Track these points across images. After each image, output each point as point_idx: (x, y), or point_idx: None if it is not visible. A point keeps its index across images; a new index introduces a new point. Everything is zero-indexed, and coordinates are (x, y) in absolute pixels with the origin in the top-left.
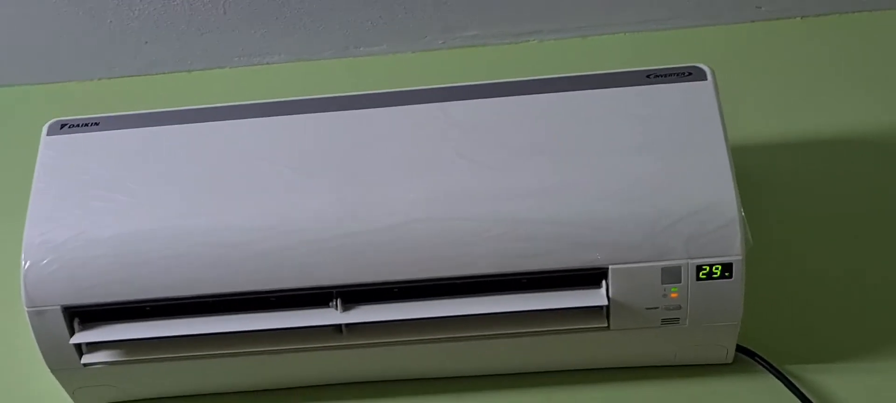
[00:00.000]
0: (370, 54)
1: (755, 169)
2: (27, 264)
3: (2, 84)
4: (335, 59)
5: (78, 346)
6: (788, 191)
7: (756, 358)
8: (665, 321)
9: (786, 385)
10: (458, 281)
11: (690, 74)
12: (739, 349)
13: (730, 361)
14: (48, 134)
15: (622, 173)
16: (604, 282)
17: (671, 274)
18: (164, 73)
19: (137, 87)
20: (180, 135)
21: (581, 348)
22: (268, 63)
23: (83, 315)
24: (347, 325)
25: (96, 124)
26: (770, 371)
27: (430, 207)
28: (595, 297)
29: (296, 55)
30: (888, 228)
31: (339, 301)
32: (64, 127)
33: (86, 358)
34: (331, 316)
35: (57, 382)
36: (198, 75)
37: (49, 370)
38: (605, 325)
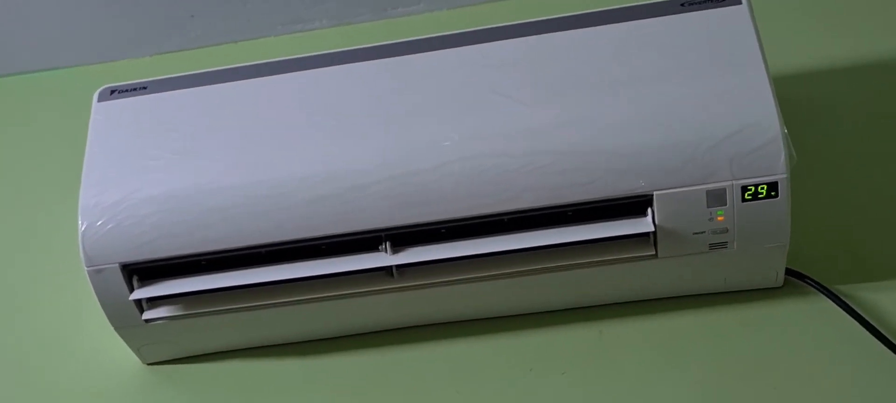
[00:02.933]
0: (407, 14)
1: (798, 96)
2: (84, 225)
3: (57, 66)
4: (374, 21)
5: (138, 302)
6: (833, 115)
7: (807, 280)
8: (713, 245)
9: (838, 305)
10: (504, 217)
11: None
12: (789, 271)
13: (780, 284)
14: (99, 100)
15: (662, 99)
16: (649, 210)
17: (716, 197)
18: (211, 46)
19: (187, 62)
20: (225, 93)
21: (630, 279)
22: (310, 29)
23: (141, 272)
24: (398, 267)
25: (144, 88)
26: (822, 292)
27: (472, 145)
28: (641, 225)
29: (336, 19)
30: None
31: (388, 243)
32: (113, 93)
33: (147, 314)
34: (381, 258)
35: (123, 343)
36: (244, 45)
37: (113, 329)
38: (653, 253)
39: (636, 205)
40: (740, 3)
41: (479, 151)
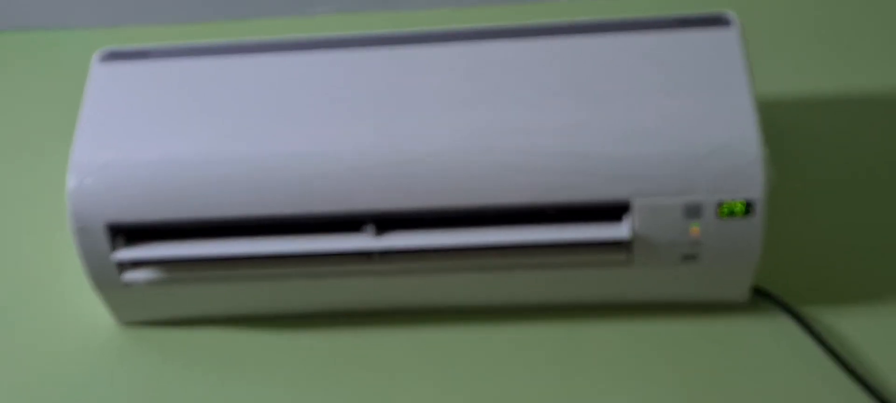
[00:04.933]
0: (412, 8)
1: (782, 121)
2: (73, 182)
3: (57, 27)
4: (379, 11)
5: (120, 264)
6: (814, 142)
7: (772, 299)
8: (685, 257)
9: (801, 325)
10: (486, 211)
11: (717, 21)
12: (755, 290)
13: (746, 301)
14: (99, 61)
15: (648, 110)
16: (626, 217)
17: (693, 210)
18: (214, 22)
19: (187, 34)
20: (226, 65)
21: (602, 282)
22: (314, 14)
23: (127, 233)
24: (379, 251)
25: (145, 54)
26: (786, 312)
27: (461, 138)
28: (618, 230)
29: (341, 7)
30: None
31: (372, 226)
32: (114, 55)
33: (127, 276)
34: (364, 240)
35: (100, 303)
36: (246, 24)
37: (92, 288)
38: (626, 260)
39: (615, 211)
40: (731, 25)
41: (468, 145)
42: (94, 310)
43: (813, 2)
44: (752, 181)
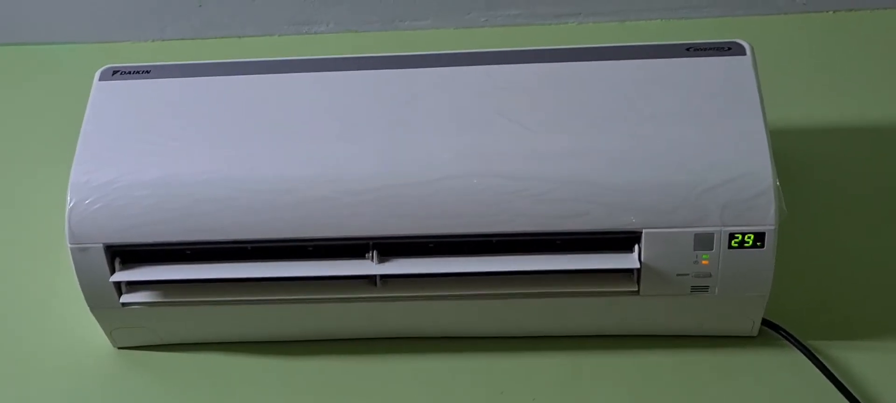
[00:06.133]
0: (415, 28)
1: (793, 151)
2: (72, 202)
3: (57, 41)
4: (381, 31)
5: (117, 285)
6: (824, 174)
7: (781, 332)
8: (694, 288)
9: (810, 359)
10: (493, 239)
11: (730, 49)
12: (765, 322)
13: (755, 334)
14: (100, 79)
15: (660, 139)
16: (637, 247)
17: (704, 241)
18: (215, 38)
19: (188, 51)
20: (229, 85)
21: (610, 313)
22: (316, 32)
23: (124, 255)
24: (382, 276)
25: (147, 72)
26: (795, 346)
27: (469, 164)
28: (627, 260)
29: (343, 26)
30: None
31: (375, 252)
32: (116, 73)
33: (125, 298)
34: (366, 266)
35: (96, 324)
36: (248, 41)
37: (89, 309)
38: (635, 290)
39: (624, 241)
40: (744, 54)
41: (475, 170)
42: (89, 332)
43: (824, 32)
44: (764, 213)
